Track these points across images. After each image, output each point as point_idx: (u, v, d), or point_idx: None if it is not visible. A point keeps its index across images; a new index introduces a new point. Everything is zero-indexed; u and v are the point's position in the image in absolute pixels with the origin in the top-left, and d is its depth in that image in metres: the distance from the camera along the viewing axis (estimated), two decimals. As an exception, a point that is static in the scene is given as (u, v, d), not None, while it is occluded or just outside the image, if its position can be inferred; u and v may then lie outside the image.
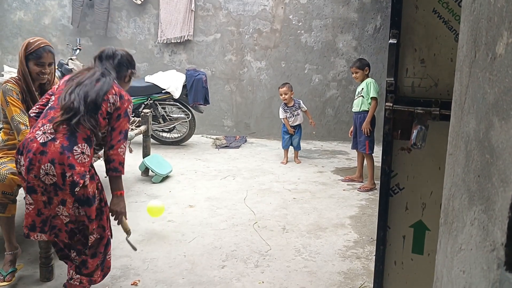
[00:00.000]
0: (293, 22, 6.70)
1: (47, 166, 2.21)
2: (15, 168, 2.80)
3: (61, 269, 2.92)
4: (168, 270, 2.95)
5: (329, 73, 6.75)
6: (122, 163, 2.43)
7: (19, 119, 2.79)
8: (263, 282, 2.84)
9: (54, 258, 2.86)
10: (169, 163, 5.06)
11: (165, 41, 6.91)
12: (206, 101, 6.03)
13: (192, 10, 6.77)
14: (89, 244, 2.39)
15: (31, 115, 2.49)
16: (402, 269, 1.67)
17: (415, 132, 1.42)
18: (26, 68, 2.85)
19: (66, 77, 2.49)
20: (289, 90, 5.46)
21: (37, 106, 2.50)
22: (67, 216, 2.33)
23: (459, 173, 0.91)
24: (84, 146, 2.30)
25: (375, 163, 4.77)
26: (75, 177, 2.24)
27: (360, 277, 2.90)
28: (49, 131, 2.27)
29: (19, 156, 2.29)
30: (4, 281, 2.63)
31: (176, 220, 3.79)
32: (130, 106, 2.47)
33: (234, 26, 6.83)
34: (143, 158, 4.89)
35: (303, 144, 6.68)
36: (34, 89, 2.91)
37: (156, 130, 6.16)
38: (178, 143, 6.37)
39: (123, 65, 2.59)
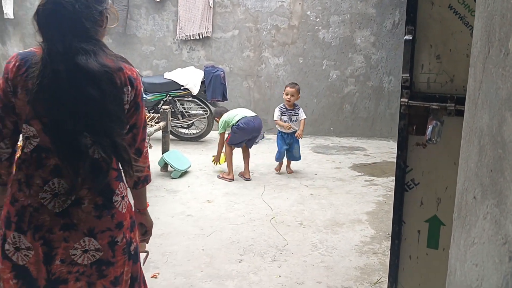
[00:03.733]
0: (311, 18, 6.69)
1: (84, 241, 1.46)
2: None
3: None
4: (186, 263, 3.01)
5: (347, 69, 6.73)
6: (149, 167, 1.69)
7: None
8: (279, 276, 2.87)
9: None
10: (188, 158, 5.12)
11: (183, 38, 6.97)
12: (224, 98, 6.07)
13: (210, 7, 6.81)
14: None
15: (2, 159, 1.50)
16: (417, 264, 1.68)
17: (430, 128, 1.43)
18: None
19: (18, 76, 1.42)
20: (297, 93, 4.85)
21: (6, 142, 1.49)
22: None
23: (472, 168, 0.92)
24: (121, 187, 1.56)
25: (388, 159, 4.94)
26: (127, 234, 1.56)
27: (376, 273, 2.91)
28: (63, 192, 1.44)
29: (15, 233, 1.44)
30: None
31: (194, 214, 3.85)
32: (141, 82, 1.57)
33: (252, 23, 6.85)
34: (162, 153, 4.97)
35: (320, 140, 6.69)
36: None
37: (175, 126, 6.24)
38: (196, 139, 6.43)
39: (92, 15, 1.45)
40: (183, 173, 4.89)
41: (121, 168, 1.54)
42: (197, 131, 6.46)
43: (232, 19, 6.88)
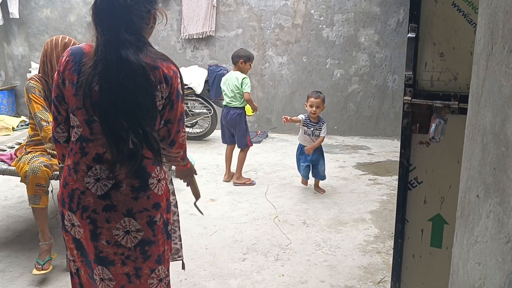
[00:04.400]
0: (315, 17, 6.67)
1: (124, 222, 1.60)
2: (47, 161, 2.89)
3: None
4: (190, 262, 3.01)
5: (351, 68, 6.71)
6: (185, 150, 1.81)
7: (41, 116, 2.84)
8: (283, 275, 2.87)
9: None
10: (192, 157, 5.12)
11: (187, 37, 6.97)
12: (227, 96, 6.07)
13: (214, 6, 6.81)
14: None
15: (61, 141, 1.74)
16: (420, 263, 1.67)
17: (433, 126, 1.42)
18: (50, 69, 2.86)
19: (67, 70, 1.61)
20: (322, 103, 4.22)
21: (61, 127, 1.71)
22: (166, 277, 1.76)
23: (475, 166, 0.92)
24: (157, 170, 1.67)
25: (392, 158, 4.87)
26: (164, 215, 1.70)
27: (380, 272, 2.90)
28: (104, 177, 1.59)
29: (68, 212, 1.65)
30: (43, 269, 2.73)
31: (198, 213, 3.84)
32: (179, 80, 1.67)
33: (255, 21, 6.84)
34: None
35: (324, 139, 6.65)
36: None
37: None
38: (200, 138, 6.44)
39: (141, 14, 1.59)
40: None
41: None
42: (201, 130, 6.47)
43: (235, 18, 6.88)
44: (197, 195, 2.42)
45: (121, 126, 1.52)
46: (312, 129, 4.30)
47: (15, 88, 7.65)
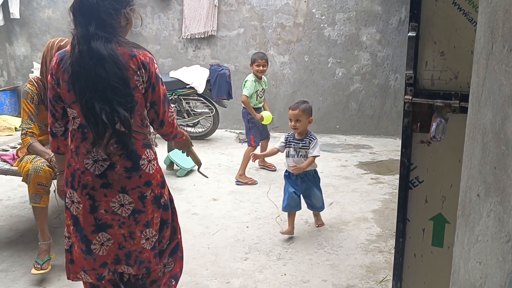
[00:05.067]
0: (316, 16, 6.67)
1: (119, 197, 1.88)
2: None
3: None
4: (192, 261, 3.01)
5: (353, 67, 6.70)
6: (177, 126, 2.07)
7: (24, 126, 2.91)
8: (285, 274, 2.87)
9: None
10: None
11: (189, 37, 6.97)
12: (229, 96, 6.07)
13: (215, 6, 6.81)
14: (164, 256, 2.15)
15: (58, 135, 2.01)
16: (421, 262, 1.67)
17: (434, 125, 1.42)
18: None
19: (59, 71, 1.86)
20: (304, 114, 3.31)
21: (59, 123, 1.99)
22: (154, 236, 2.02)
23: (476, 165, 0.92)
24: (147, 152, 1.93)
25: (394, 157, 4.83)
26: (156, 190, 1.97)
27: (382, 271, 2.90)
28: (101, 158, 1.84)
29: (70, 189, 1.92)
30: (42, 269, 2.74)
31: (200, 213, 3.86)
32: (155, 64, 1.92)
33: (257, 21, 6.84)
34: (168, 152, 4.98)
35: (326, 138, 6.66)
36: None
37: (180, 124, 6.24)
38: (202, 137, 6.44)
39: (109, 12, 1.82)
40: (189, 172, 4.90)
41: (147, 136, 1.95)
42: (203, 129, 6.47)
43: (237, 17, 6.88)
44: (198, 162, 2.58)
45: (94, 107, 1.75)
46: (294, 147, 3.39)
47: (17, 88, 7.67)
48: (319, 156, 3.36)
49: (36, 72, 7.16)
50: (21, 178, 2.91)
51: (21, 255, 3.09)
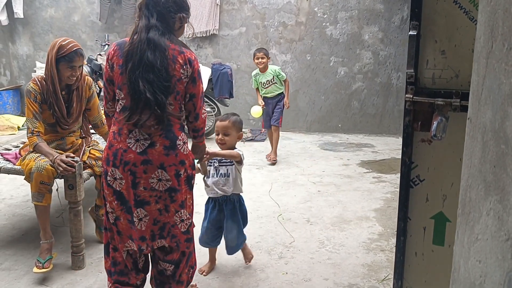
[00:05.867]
0: (318, 15, 6.66)
1: (158, 173, 2.08)
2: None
3: (91, 258, 3.03)
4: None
5: (355, 66, 6.70)
6: (204, 127, 2.33)
7: (29, 124, 2.92)
8: (286, 273, 2.87)
9: (85, 247, 2.97)
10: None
11: (191, 36, 6.97)
12: (231, 95, 6.08)
13: (217, 4, 6.81)
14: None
15: (110, 115, 2.22)
16: (422, 260, 1.67)
17: (435, 124, 1.42)
18: (55, 70, 2.90)
19: (114, 57, 2.09)
20: (233, 126, 2.79)
21: (110, 104, 2.20)
22: (188, 219, 2.23)
23: (475, 164, 0.92)
24: (182, 135, 2.16)
25: (396, 155, 4.94)
26: (189, 170, 2.18)
27: (384, 270, 2.90)
28: (142, 138, 2.06)
29: (112, 168, 2.09)
30: (43, 268, 2.75)
31: (201, 211, 3.85)
32: (199, 64, 2.18)
33: (259, 20, 6.84)
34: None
35: (328, 137, 6.66)
36: (59, 89, 2.97)
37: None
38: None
39: (169, 11, 2.11)
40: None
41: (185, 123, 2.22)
42: (205, 128, 6.47)
43: (239, 16, 6.88)
44: (205, 172, 2.67)
45: (139, 85, 1.98)
46: (214, 165, 2.77)
47: (20, 87, 7.69)
48: (242, 164, 2.82)
49: (39, 71, 7.18)
50: (24, 176, 2.92)
51: (24, 253, 3.10)
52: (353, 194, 4.29)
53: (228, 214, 2.79)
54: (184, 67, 2.07)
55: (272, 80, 5.24)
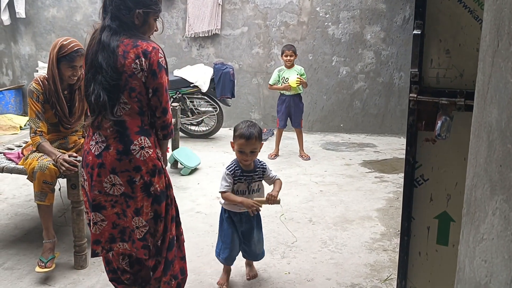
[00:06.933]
0: (320, 14, 6.66)
1: (110, 177, 2.03)
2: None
3: (94, 258, 3.02)
4: (196, 259, 3.02)
5: (357, 65, 6.69)
6: (171, 123, 2.16)
7: (32, 124, 2.94)
8: (289, 273, 2.87)
9: (88, 247, 2.97)
10: (198, 155, 5.13)
11: (193, 35, 6.97)
12: (232, 95, 6.08)
13: (219, 4, 6.81)
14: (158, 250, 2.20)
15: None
16: (426, 260, 1.67)
17: (439, 123, 1.42)
18: (56, 70, 2.91)
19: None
20: (258, 141, 2.61)
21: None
22: (144, 227, 2.12)
23: (481, 163, 0.91)
24: (141, 139, 2.03)
25: (399, 155, 5.05)
26: (146, 177, 2.05)
27: (386, 269, 2.90)
28: (100, 140, 2.04)
29: (82, 168, 2.18)
30: (46, 267, 2.75)
31: (204, 211, 3.86)
32: (160, 54, 2.04)
33: (261, 19, 6.83)
34: (172, 151, 4.99)
35: (330, 137, 6.66)
36: (61, 89, 2.97)
37: (184, 123, 6.26)
38: (206, 136, 6.44)
39: (119, 9, 2.02)
40: (193, 170, 4.91)
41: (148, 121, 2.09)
42: (207, 128, 6.47)
43: (241, 16, 6.88)
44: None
45: (90, 87, 2.00)
46: (247, 182, 2.62)
47: (22, 87, 7.69)
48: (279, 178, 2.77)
49: (41, 71, 7.19)
50: (26, 176, 2.92)
51: (26, 253, 3.11)
52: (355, 194, 4.28)
53: (256, 223, 2.71)
54: (137, 61, 1.97)
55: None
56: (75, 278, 2.82)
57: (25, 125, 6.83)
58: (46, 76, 2.97)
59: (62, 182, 3.07)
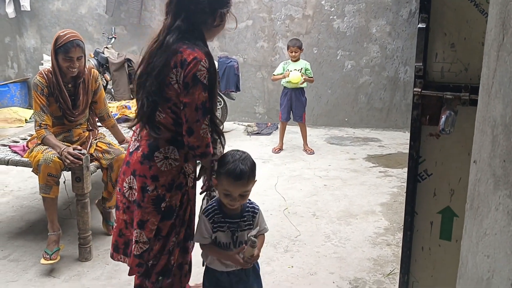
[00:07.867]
0: (325, 8, 6.62)
1: (130, 179, 1.93)
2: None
3: (98, 250, 3.05)
4: (198, 254, 3.02)
5: (362, 59, 6.65)
6: (209, 145, 1.90)
7: (37, 117, 2.95)
8: (292, 266, 2.88)
9: (92, 239, 2.99)
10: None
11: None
12: (237, 88, 6.06)
13: (224, -3, 6.78)
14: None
15: None
16: (429, 255, 1.67)
17: (443, 118, 1.41)
18: (55, 61, 2.91)
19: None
20: (251, 181, 1.97)
21: None
22: (145, 244, 1.93)
23: (485, 158, 0.91)
24: (168, 149, 1.89)
25: (403, 150, 5.12)
26: (159, 190, 1.89)
27: (389, 264, 2.90)
28: (136, 139, 1.97)
29: None
30: (51, 259, 2.77)
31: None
32: (200, 67, 1.78)
33: (265, 13, 6.80)
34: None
35: (335, 131, 6.64)
36: (63, 82, 2.98)
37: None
38: (210, 130, 6.43)
39: (204, 6, 1.83)
40: (197, 164, 4.91)
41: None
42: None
43: (246, 9, 6.85)
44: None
45: (140, 89, 1.90)
46: (230, 232, 2.03)
47: (28, 80, 7.72)
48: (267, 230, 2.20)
49: (46, 64, 7.20)
50: (31, 168, 2.94)
51: (32, 245, 3.13)
52: (359, 188, 4.28)
53: (253, 279, 2.14)
54: (174, 70, 1.79)
55: (300, 71, 5.30)
56: (80, 270, 2.84)
57: (30, 118, 6.86)
58: (50, 69, 2.97)
59: (67, 175, 3.08)
